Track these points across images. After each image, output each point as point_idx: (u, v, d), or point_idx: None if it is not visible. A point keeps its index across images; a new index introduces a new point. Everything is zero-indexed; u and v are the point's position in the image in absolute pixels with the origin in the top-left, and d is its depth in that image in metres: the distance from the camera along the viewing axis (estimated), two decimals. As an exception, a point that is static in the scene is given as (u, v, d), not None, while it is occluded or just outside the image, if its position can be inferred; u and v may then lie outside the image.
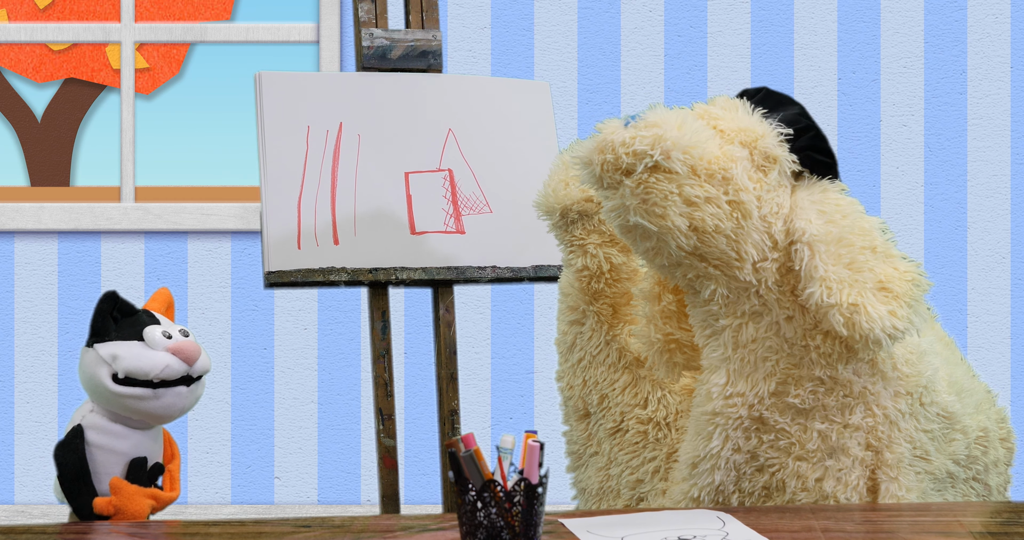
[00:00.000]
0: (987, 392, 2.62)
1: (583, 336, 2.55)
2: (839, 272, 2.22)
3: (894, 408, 2.32)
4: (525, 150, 2.96)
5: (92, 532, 2.14)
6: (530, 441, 1.89)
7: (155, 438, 2.33)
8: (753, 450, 2.32)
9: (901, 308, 2.23)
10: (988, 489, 2.53)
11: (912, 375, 2.35)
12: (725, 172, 2.22)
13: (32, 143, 4.65)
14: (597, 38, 4.48)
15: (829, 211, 2.25)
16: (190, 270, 4.49)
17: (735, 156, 2.24)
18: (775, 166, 2.26)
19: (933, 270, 4.47)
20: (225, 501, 4.48)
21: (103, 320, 2.30)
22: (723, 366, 2.32)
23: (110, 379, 2.26)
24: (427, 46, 2.92)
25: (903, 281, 2.25)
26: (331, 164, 2.83)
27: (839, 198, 2.28)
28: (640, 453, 2.52)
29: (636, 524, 2.12)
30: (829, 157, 2.31)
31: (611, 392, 2.54)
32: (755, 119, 2.29)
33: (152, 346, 2.27)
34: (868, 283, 2.23)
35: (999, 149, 4.46)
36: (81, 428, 2.28)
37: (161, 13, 4.61)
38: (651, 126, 2.20)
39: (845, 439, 2.30)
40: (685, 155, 2.19)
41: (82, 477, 2.26)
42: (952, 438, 2.43)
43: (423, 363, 4.48)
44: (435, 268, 2.85)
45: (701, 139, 2.21)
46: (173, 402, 2.28)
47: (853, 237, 2.24)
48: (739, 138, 2.26)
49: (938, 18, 4.47)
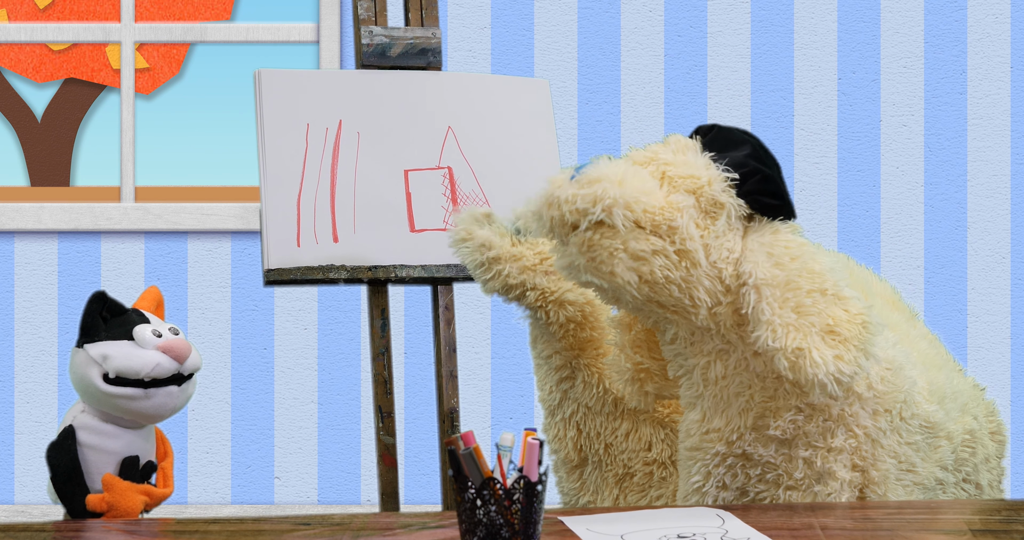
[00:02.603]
0: (974, 388, 2.62)
1: (576, 390, 2.55)
2: (785, 316, 2.20)
3: (874, 427, 2.31)
4: (524, 148, 2.96)
5: (89, 530, 2.14)
6: (529, 439, 1.89)
7: (147, 437, 2.32)
8: (742, 487, 2.32)
9: (848, 352, 2.19)
10: (980, 488, 2.53)
11: (889, 392, 2.33)
12: (671, 222, 2.21)
13: (32, 143, 4.65)
14: (597, 38, 4.48)
15: (777, 254, 2.22)
16: (190, 270, 4.49)
17: (680, 205, 2.22)
18: (722, 212, 2.23)
19: (933, 270, 4.47)
20: (225, 501, 4.48)
21: (92, 320, 2.29)
22: (698, 403, 2.33)
23: (101, 379, 2.25)
24: (426, 44, 2.92)
25: (852, 324, 2.21)
26: (331, 162, 2.83)
27: (789, 240, 2.24)
28: (647, 493, 2.53)
29: (636, 522, 2.12)
30: (779, 198, 2.26)
31: (615, 440, 2.54)
32: (702, 163, 2.25)
33: (142, 345, 2.27)
34: (815, 327, 2.20)
35: (999, 149, 4.46)
36: (72, 429, 2.27)
37: (161, 13, 4.61)
38: (592, 182, 2.20)
39: (830, 463, 2.30)
40: (627, 210, 2.19)
41: (74, 477, 2.26)
42: (937, 446, 2.42)
43: (423, 361, 4.48)
44: (435, 266, 2.85)
45: (644, 191, 2.20)
46: (164, 402, 2.27)
47: (801, 280, 2.21)
48: (685, 186, 2.23)
49: (938, 18, 4.47)
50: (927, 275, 4.48)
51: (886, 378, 2.33)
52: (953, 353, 4.45)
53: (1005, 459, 2.64)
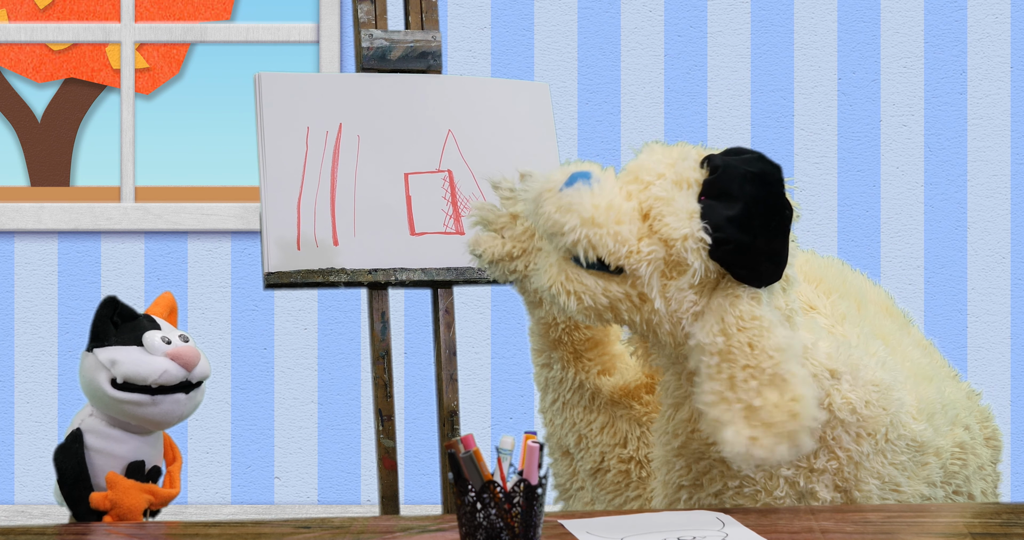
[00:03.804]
0: (968, 395, 2.60)
1: (553, 379, 2.55)
2: (716, 385, 2.16)
3: (857, 450, 2.29)
4: (525, 151, 2.96)
5: (91, 533, 2.14)
6: (529, 442, 1.89)
7: (154, 443, 2.33)
8: (719, 493, 2.32)
9: (767, 438, 2.14)
10: (972, 499, 2.52)
11: (873, 416, 2.30)
12: (635, 270, 2.19)
13: (32, 143, 4.65)
14: (597, 38, 4.48)
15: (728, 323, 2.17)
16: (190, 270, 4.49)
17: (649, 256, 2.19)
18: (690, 269, 2.19)
19: (933, 270, 4.47)
20: (225, 501, 4.48)
21: (103, 325, 2.29)
22: (686, 403, 2.32)
23: (109, 384, 2.25)
24: (426, 47, 2.92)
25: (780, 410, 2.14)
26: (331, 165, 2.83)
27: (744, 310, 2.17)
28: (623, 492, 2.52)
29: (635, 525, 2.12)
30: (750, 269, 2.18)
31: (588, 433, 2.53)
32: (688, 212, 2.18)
33: (151, 351, 2.27)
34: (740, 404, 2.15)
35: (999, 149, 4.46)
36: (80, 432, 2.28)
37: (161, 13, 4.61)
38: (566, 211, 2.19)
39: (812, 483, 2.29)
40: (591, 249, 2.18)
41: (81, 481, 2.26)
42: (925, 463, 2.40)
43: (423, 364, 4.48)
44: (435, 269, 2.85)
45: (614, 234, 2.18)
46: (171, 409, 2.27)
47: (738, 354, 2.16)
48: (662, 233, 2.19)
49: (938, 18, 4.47)
50: (927, 275, 4.48)
51: (871, 402, 2.30)
52: (953, 354, 4.45)
53: (1001, 464, 2.63)
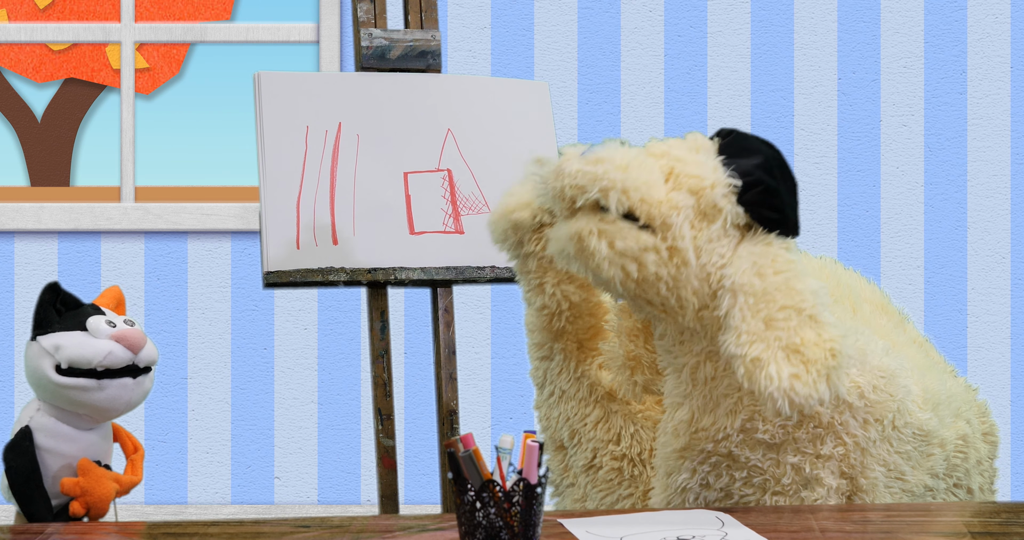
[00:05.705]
0: (966, 390, 2.61)
1: (552, 371, 2.54)
2: (753, 325, 2.17)
3: (864, 436, 2.30)
4: (524, 150, 2.96)
5: (89, 532, 2.14)
6: (529, 441, 1.89)
7: (105, 437, 2.27)
8: (726, 487, 2.31)
9: (808, 374, 2.15)
10: (971, 493, 2.52)
11: (880, 402, 2.31)
12: (666, 218, 2.20)
13: (32, 143, 4.65)
14: (597, 38, 4.48)
15: (762, 265, 2.20)
16: (190, 270, 4.49)
17: (680, 204, 2.21)
18: (720, 216, 2.22)
19: (933, 270, 4.47)
20: (225, 501, 4.48)
21: (46, 311, 2.24)
22: (686, 402, 2.32)
23: (53, 370, 2.20)
24: (426, 46, 2.92)
25: (819, 348, 2.17)
26: (330, 164, 2.83)
27: (779, 254, 2.21)
28: (615, 490, 2.51)
29: (635, 524, 2.12)
30: (779, 212, 2.24)
31: (582, 427, 2.53)
32: (712, 165, 2.23)
33: (95, 335, 2.22)
34: (780, 342, 2.16)
35: (999, 149, 4.46)
36: (29, 429, 2.22)
37: (161, 13, 4.61)
38: (597, 162, 2.20)
39: (819, 469, 2.29)
40: (623, 196, 2.18)
41: (33, 479, 2.20)
42: (930, 453, 2.41)
43: (422, 363, 4.48)
44: (434, 268, 2.85)
45: (646, 181, 2.20)
46: (118, 394, 2.22)
47: (777, 294, 2.18)
48: (689, 185, 2.22)
49: (938, 18, 4.47)
50: (927, 275, 4.48)
51: (878, 387, 2.31)
52: (953, 353, 4.45)
53: (998, 460, 2.63)
